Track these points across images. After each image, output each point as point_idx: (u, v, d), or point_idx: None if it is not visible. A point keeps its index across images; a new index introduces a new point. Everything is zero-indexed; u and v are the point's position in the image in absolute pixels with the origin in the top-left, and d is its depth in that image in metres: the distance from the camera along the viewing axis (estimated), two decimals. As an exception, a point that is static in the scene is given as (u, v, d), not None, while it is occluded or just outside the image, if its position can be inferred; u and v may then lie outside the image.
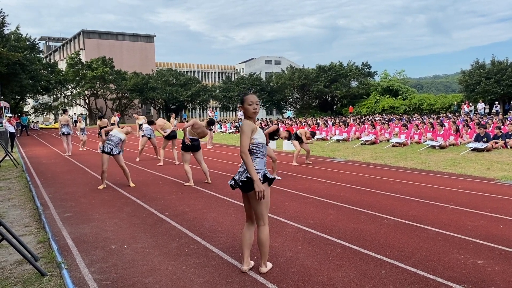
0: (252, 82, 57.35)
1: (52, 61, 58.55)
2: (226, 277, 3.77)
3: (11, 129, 19.05)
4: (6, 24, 37.16)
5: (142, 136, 13.60)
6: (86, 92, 55.60)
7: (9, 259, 4.39)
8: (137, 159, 13.06)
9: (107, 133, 8.85)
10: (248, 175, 3.63)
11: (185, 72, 70.84)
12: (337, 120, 24.96)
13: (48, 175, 10.42)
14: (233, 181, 3.79)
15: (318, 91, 53.94)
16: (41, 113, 55.90)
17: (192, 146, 8.33)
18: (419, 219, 5.55)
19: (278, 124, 20.96)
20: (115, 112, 27.41)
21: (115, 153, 8.33)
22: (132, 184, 8.60)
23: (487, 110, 34.06)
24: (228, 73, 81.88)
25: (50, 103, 54.20)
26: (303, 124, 25.19)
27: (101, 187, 8.42)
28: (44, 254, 4.49)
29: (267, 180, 3.70)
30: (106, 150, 8.27)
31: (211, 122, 8.80)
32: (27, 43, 41.30)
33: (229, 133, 27.40)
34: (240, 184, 3.71)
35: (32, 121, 47.03)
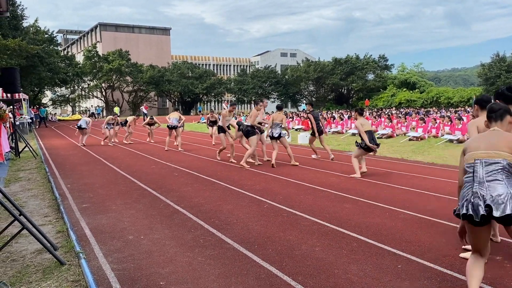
0: (267, 75, 57.19)
1: (70, 53, 59.14)
2: (241, 269, 3.79)
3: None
4: (25, 17, 37.70)
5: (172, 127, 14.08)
6: (103, 85, 56.17)
7: (29, 248, 4.48)
8: (166, 149, 13.74)
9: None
10: None
11: (200, 65, 70.96)
12: (353, 114, 24.74)
13: (66, 166, 10.59)
14: (484, 209, 2.78)
15: (333, 84, 53.54)
16: (58, 105, 56.75)
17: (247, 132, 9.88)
18: (436, 214, 5.49)
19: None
20: (144, 104, 27.54)
21: (282, 136, 9.87)
22: (295, 162, 9.90)
23: (507, 104, 33.37)
24: (243, 66, 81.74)
25: (67, 95, 54.97)
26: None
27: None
28: (63, 243, 4.58)
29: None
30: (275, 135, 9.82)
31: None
32: (45, 36, 41.81)
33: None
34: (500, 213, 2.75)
35: (50, 113, 47.75)
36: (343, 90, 56.84)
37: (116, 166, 10.30)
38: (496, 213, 2.75)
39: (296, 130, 21.50)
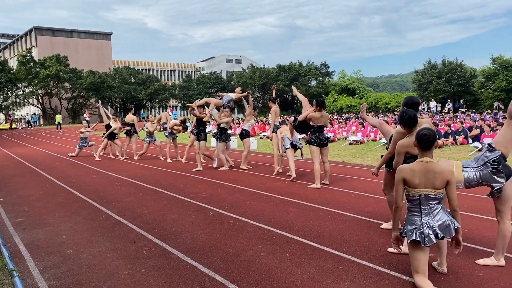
0: (213, 81, 57.13)
1: (2, 58, 55.71)
2: (186, 279, 3.75)
3: None
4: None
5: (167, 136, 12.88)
6: (39, 91, 53.36)
7: (-44, 268, 4.17)
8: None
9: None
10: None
11: (144, 70, 69.37)
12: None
13: (-2, 178, 9.95)
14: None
15: (278, 90, 54.40)
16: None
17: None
18: (374, 215, 5.74)
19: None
20: (87, 110, 26.30)
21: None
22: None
23: (438, 108, 35.55)
24: (188, 71, 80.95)
25: (0, 103, 51.66)
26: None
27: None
28: (-6, 261, 4.30)
29: None
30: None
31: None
32: (-26, 39, 39.20)
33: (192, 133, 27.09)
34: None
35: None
36: (287, 96, 57.91)
37: (53, 177, 9.82)
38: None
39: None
